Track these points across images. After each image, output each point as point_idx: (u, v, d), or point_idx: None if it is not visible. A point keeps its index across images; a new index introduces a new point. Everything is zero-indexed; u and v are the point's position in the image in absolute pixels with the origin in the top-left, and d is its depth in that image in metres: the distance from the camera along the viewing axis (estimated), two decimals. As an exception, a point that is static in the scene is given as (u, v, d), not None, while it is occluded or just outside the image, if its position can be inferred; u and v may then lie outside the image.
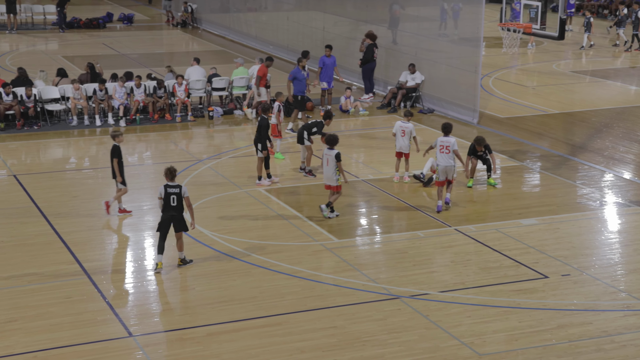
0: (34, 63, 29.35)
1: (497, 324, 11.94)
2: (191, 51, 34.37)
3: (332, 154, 15.59)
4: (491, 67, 30.81)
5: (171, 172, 13.47)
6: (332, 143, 15.70)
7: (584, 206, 16.91)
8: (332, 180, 15.74)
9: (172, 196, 13.36)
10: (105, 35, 37.98)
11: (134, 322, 11.91)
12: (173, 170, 13.50)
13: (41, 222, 15.57)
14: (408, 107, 24.51)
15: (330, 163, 15.62)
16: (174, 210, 13.40)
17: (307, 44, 29.04)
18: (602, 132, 22.42)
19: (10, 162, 19.31)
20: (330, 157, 15.60)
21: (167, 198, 13.37)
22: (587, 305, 12.55)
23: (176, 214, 13.44)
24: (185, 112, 23.30)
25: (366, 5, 28.35)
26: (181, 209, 13.48)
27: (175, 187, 13.42)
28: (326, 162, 15.71)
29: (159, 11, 45.71)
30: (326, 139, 15.91)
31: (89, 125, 22.27)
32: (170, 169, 13.49)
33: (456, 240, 15.00)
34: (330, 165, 15.63)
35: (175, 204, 13.38)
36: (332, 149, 15.65)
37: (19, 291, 12.76)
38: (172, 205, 13.37)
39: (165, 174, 13.45)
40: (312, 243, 14.71)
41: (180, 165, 18.89)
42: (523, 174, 19.09)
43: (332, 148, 15.66)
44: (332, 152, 15.62)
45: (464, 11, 26.20)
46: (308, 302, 12.54)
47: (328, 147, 15.73)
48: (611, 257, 14.40)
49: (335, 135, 15.90)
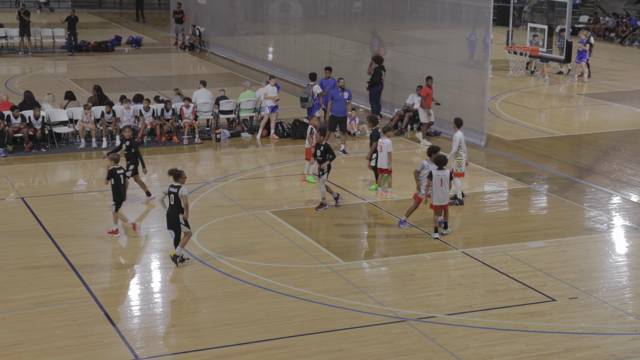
0: (43, 86, 29.50)
1: (505, 347, 11.89)
2: (199, 74, 34.52)
3: (445, 174, 15.70)
4: (498, 89, 30.86)
5: (172, 172, 14.47)
6: (442, 163, 15.80)
7: (592, 229, 16.87)
8: (445, 200, 15.81)
9: (171, 195, 14.41)
10: (114, 58, 38.19)
11: (140, 344, 11.89)
12: (174, 171, 14.49)
13: (48, 245, 15.59)
14: (415, 129, 24.58)
15: (445, 183, 15.67)
16: (170, 208, 14.38)
17: (314, 67, 29.14)
18: (610, 154, 22.40)
19: (18, 185, 19.37)
20: (445, 177, 15.68)
21: (168, 197, 14.37)
22: (595, 329, 12.49)
23: (171, 212, 14.40)
24: (192, 135, 23.37)
25: (373, 29, 28.45)
26: (177, 209, 14.37)
27: (175, 187, 14.36)
28: (439, 182, 15.65)
29: (167, 34, 45.97)
30: (435, 160, 15.90)
31: (97, 148, 22.35)
32: (172, 170, 14.51)
33: (463, 262, 14.97)
34: (444, 185, 15.66)
35: (172, 202, 14.33)
36: (443, 169, 15.75)
37: (26, 314, 12.77)
38: (170, 203, 14.36)
39: (169, 173, 14.50)
40: (319, 265, 14.70)
41: (187, 187, 18.90)
42: (530, 196, 19.06)
43: (443, 168, 15.77)
44: (443, 172, 15.72)
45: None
46: (315, 324, 12.51)
47: (438, 168, 15.75)
48: (619, 280, 14.35)
49: (442, 155, 16.03)
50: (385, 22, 28.35)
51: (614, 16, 47.62)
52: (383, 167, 18.24)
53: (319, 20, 33.18)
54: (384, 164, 18.17)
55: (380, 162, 18.24)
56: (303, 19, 34.82)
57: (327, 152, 17.53)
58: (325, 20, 32.52)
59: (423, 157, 22.21)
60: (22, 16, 37.45)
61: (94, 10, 58.43)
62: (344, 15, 31.55)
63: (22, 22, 37.68)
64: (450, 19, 25.31)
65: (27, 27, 37.83)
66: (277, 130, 23.83)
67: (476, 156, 22.14)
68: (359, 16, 30.47)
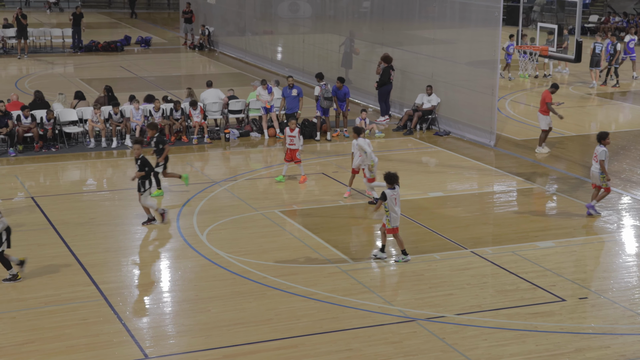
0: (53, 86, 29.61)
1: (514, 347, 11.86)
2: (208, 74, 34.58)
3: (397, 192, 14.76)
4: (507, 89, 30.80)
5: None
6: (393, 181, 14.72)
7: (601, 229, 16.82)
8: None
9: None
10: (123, 58, 38.28)
11: (149, 344, 11.92)
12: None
13: (58, 244, 15.64)
14: (424, 129, 24.58)
15: (398, 201, 14.73)
16: None
17: (323, 67, 29.15)
18: (620, 154, 22.33)
19: (28, 184, 19.43)
20: (397, 195, 14.74)
21: None
22: (605, 329, 12.46)
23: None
24: (201, 135, 23.40)
25: (382, 28, 28.45)
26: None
27: None
28: (394, 202, 14.66)
29: (176, 34, 46.06)
30: (386, 178, 14.79)
31: (106, 148, 22.41)
32: None
33: (472, 262, 14.95)
34: (397, 204, 14.70)
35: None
36: (394, 188, 14.74)
37: (36, 313, 12.80)
38: None
39: None
40: (328, 265, 14.70)
41: (197, 187, 18.98)
42: (539, 196, 19.02)
43: (394, 187, 14.75)
44: (395, 191, 14.71)
45: (481, 34, 26.24)
46: (324, 324, 12.51)
47: (389, 187, 14.66)
48: (629, 280, 14.31)
49: (392, 173, 14.87)
50: (394, 22, 28.33)
51: (624, 15, 47.49)
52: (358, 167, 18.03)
53: (327, 20, 33.19)
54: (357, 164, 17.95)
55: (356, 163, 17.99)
56: (312, 19, 34.83)
57: (144, 165, 16.24)
58: (334, 20, 32.53)
59: (431, 157, 22.25)
60: (20, 19, 37.50)
61: (104, 10, 58.60)
62: (352, 15, 31.55)
63: (19, 25, 37.70)
64: (460, 19, 25.27)
65: (24, 30, 37.84)
66: (285, 130, 23.84)
67: (485, 156, 22.11)
68: (367, 16, 30.45)
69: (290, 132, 19.10)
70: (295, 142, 19.07)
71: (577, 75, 34.14)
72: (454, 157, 22.09)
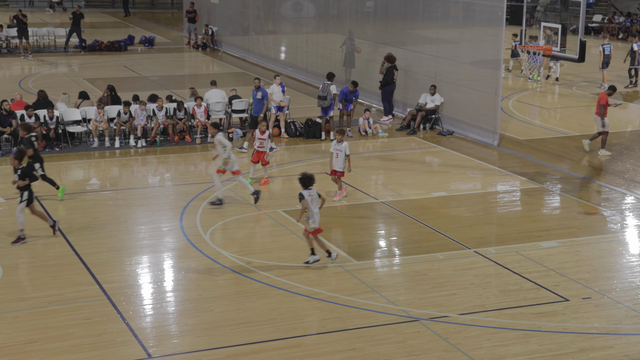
0: (56, 85, 29.63)
1: (517, 347, 11.85)
2: (211, 73, 34.60)
3: (314, 193, 14.51)
4: (511, 89, 30.78)
5: None
6: (309, 183, 14.47)
7: (605, 229, 16.80)
8: None
9: None
10: (127, 57, 38.30)
11: (153, 343, 11.92)
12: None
13: (62, 244, 15.65)
14: (427, 129, 24.57)
15: (315, 202, 14.49)
16: None
17: (326, 66, 29.15)
18: (623, 154, 22.31)
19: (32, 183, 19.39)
20: (315, 197, 14.49)
21: None
22: (608, 329, 12.44)
23: None
24: (205, 134, 23.40)
25: (385, 28, 28.46)
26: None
27: None
28: (311, 202, 14.40)
29: (180, 34, 46.08)
30: (301, 180, 14.48)
31: (110, 147, 22.42)
32: None
33: (476, 262, 14.94)
34: (315, 204, 14.48)
35: None
36: (310, 189, 14.45)
37: (39, 312, 12.82)
38: None
39: None
40: (331, 265, 14.69)
41: (200, 186, 18.98)
42: (543, 196, 19.01)
43: (310, 188, 14.46)
44: (312, 191, 14.47)
45: (484, 33, 26.22)
46: (327, 324, 12.51)
47: (305, 188, 14.42)
48: (632, 281, 14.29)
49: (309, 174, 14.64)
50: (398, 22, 28.33)
51: (627, 15, 47.41)
52: (338, 169, 17.96)
53: (331, 20, 33.19)
54: (339, 167, 17.89)
55: (337, 165, 17.90)
56: (315, 19, 34.84)
57: (25, 175, 15.63)
58: (337, 19, 32.52)
59: (434, 156, 22.24)
60: (20, 19, 37.53)
61: (107, 9, 58.66)
62: (356, 15, 31.56)
63: (19, 25, 37.73)
64: (463, 18, 25.26)
65: (25, 29, 37.87)
66: (289, 130, 23.84)
67: (489, 156, 22.10)
68: (371, 15, 30.46)
69: (260, 135, 19.00)
70: (265, 145, 18.98)
71: (581, 75, 34.10)
72: (458, 156, 22.07)
